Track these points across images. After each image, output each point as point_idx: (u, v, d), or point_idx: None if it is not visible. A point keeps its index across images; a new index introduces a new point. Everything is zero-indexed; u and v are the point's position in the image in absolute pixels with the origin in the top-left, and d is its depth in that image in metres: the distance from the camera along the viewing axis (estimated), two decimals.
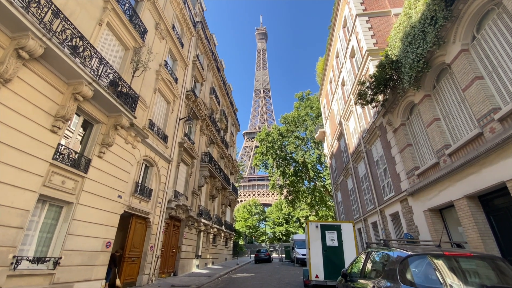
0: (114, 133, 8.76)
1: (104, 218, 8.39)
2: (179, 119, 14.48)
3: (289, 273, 14.81)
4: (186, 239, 15.16)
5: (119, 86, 8.75)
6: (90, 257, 7.74)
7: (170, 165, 13.23)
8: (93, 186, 7.97)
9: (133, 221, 10.40)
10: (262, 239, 62.21)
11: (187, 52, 16.69)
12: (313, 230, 9.06)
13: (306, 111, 34.70)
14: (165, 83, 13.04)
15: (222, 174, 22.18)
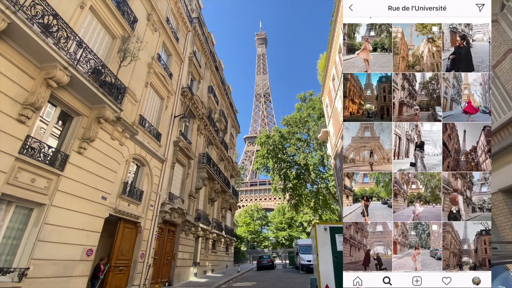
0: (96, 126, 7.86)
1: (84, 223, 7.43)
2: (174, 116, 13.59)
3: (294, 282, 13.67)
4: (182, 246, 14.10)
5: (103, 74, 7.89)
6: (66, 267, 6.76)
7: (164, 165, 12.28)
8: (71, 186, 7.04)
9: (121, 226, 9.42)
10: (265, 244, 60.58)
11: (182, 47, 15.91)
12: (321, 234, 7.98)
13: (308, 112, 33.75)
14: (158, 78, 12.19)
15: (221, 176, 21.18)
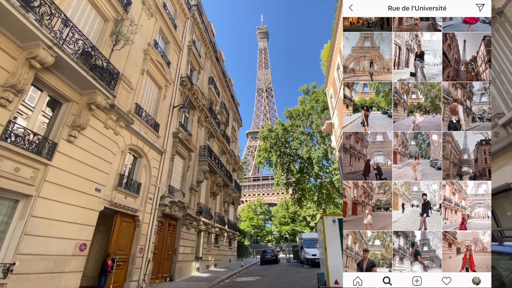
0: (87, 113, 7.34)
1: (76, 215, 6.97)
2: (172, 106, 13.04)
3: (299, 276, 13.24)
4: (183, 240, 13.70)
5: (93, 57, 7.33)
6: (57, 263, 6.32)
7: (162, 157, 11.78)
8: (60, 176, 6.56)
9: (118, 219, 8.98)
10: (268, 239, 60.44)
11: (181, 35, 15.26)
12: (329, 226, 7.48)
13: (311, 105, 32.97)
14: (155, 65, 11.61)
15: (223, 169, 20.70)
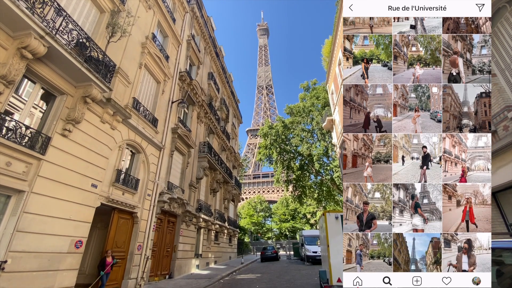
0: (83, 107, 7.12)
1: (72, 212, 6.78)
2: (171, 102, 12.79)
3: (300, 274, 13.11)
4: (183, 237, 13.54)
5: (88, 48, 7.09)
6: (51, 261, 6.14)
7: (161, 152, 11.57)
8: (54, 172, 6.35)
9: (115, 216, 8.79)
10: (268, 236, 60.53)
11: (180, 29, 14.97)
12: (332, 223, 7.30)
13: (312, 102, 32.73)
14: (153, 59, 11.35)
15: (223, 166, 20.49)
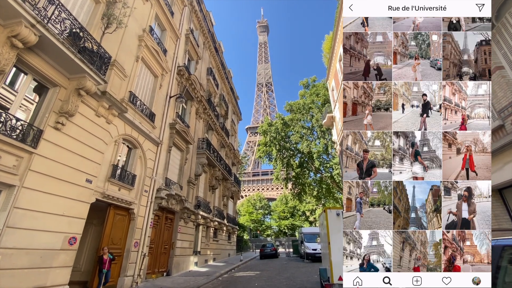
0: (76, 99, 6.89)
1: (65, 207, 6.58)
2: (169, 96, 12.55)
3: (299, 271, 12.98)
4: (181, 234, 13.37)
5: (81, 39, 6.84)
6: (43, 258, 5.95)
7: (159, 148, 11.36)
8: (46, 166, 6.14)
9: (111, 212, 8.60)
10: (268, 233, 60.51)
11: (178, 23, 14.67)
12: (333, 220, 7.13)
13: (312, 99, 32.47)
14: (150, 53, 11.09)
15: (222, 163, 20.30)
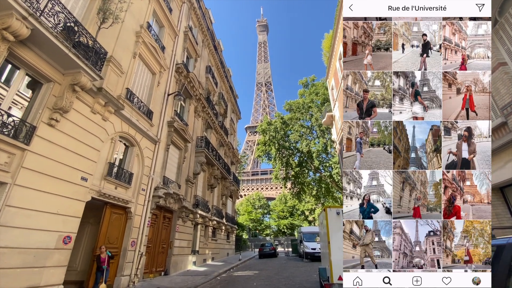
0: (71, 95, 6.73)
1: (60, 206, 6.43)
2: (167, 94, 12.40)
3: (298, 271, 12.88)
4: (179, 233, 13.24)
5: (76, 33, 6.69)
6: (37, 257, 5.81)
7: (156, 146, 11.22)
8: (40, 163, 5.99)
9: (108, 211, 8.46)
10: (267, 232, 60.44)
11: (177, 20, 14.51)
12: (333, 219, 7.02)
13: (311, 98, 32.39)
14: (148, 49, 10.93)
15: (221, 162, 20.17)
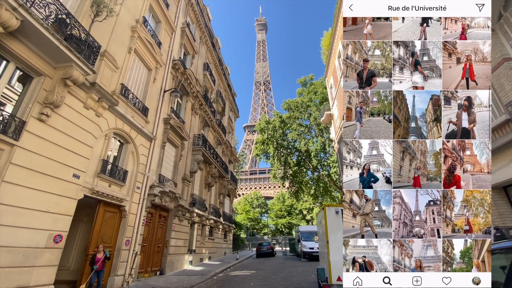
0: (62, 89, 6.52)
1: (50, 204, 6.24)
2: (163, 90, 12.19)
3: (296, 270, 12.76)
4: (175, 232, 13.06)
5: (68, 26, 6.48)
6: (26, 256, 5.62)
7: (152, 143, 11.02)
8: (30, 159, 5.79)
9: (101, 209, 8.26)
10: (264, 232, 60.38)
11: (174, 15, 14.28)
12: (332, 218, 6.88)
13: (310, 97, 32.30)
14: (144, 45, 10.71)
15: (219, 160, 19.98)
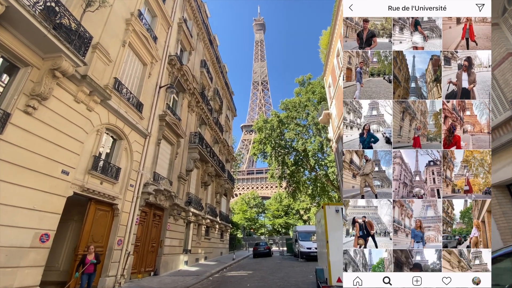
0: (51, 81, 6.21)
1: (37, 201, 5.93)
2: (159, 86, 11.89)
3: (293, 271, 12.53)
4: (170, 231, 12.76)
5: (57, 14, 6.17)
6: (9, 256, 5.30)
7: (147, 140, 10.72)
8: (14, 154, 5.48)
9: (92, 207, 7.96)
10: (261, 231, 60.18)
11: (170, 10, 13.97)
12: (331, 217, 6.66)
13: (308, 96, 32.17)
14: (139, 38, 10.41)
15: (215, 159, 19.69)
